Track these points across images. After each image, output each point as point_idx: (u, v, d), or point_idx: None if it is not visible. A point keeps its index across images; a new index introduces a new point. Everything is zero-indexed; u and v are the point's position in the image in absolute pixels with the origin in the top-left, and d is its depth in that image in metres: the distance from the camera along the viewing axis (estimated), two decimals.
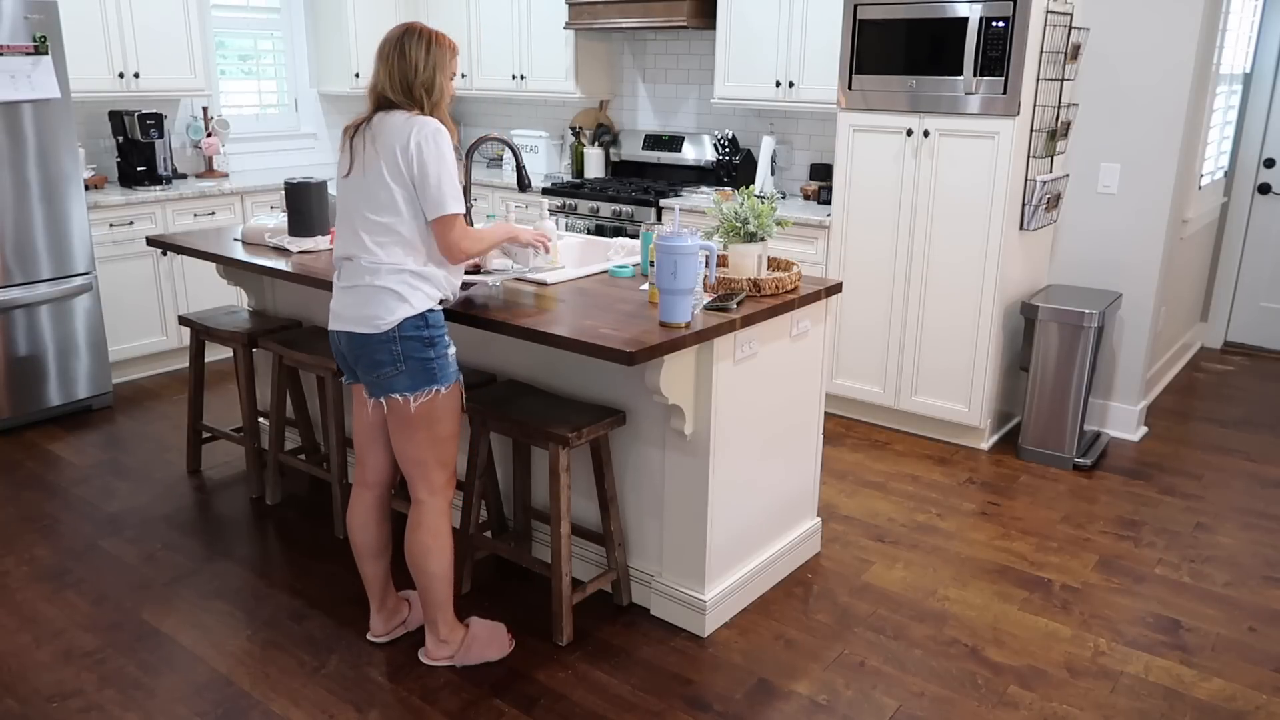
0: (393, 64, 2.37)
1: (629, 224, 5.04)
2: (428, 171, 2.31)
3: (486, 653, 2.65)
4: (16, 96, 4.03)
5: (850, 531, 3.43)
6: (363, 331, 2.37)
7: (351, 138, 2.40)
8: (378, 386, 2.41)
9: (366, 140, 2.36)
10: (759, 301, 2.72)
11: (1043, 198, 4.00)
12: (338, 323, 2.44)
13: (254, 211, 5.26)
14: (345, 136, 2.43)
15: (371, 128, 2.37)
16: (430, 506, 2.50)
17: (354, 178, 2.39)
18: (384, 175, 2.33)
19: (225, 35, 5.75)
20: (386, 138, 2.34)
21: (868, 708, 2.49)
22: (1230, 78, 4.92)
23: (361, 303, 2.37)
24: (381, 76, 2.39)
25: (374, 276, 2.35)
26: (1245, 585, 3.11)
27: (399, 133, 2.32)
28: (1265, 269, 5.60)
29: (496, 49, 5.85)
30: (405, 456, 2.47)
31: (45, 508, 3.56)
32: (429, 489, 2.49)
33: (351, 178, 2.39)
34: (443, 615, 2.60)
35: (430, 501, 2.50)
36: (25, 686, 2.55)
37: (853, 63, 4.10)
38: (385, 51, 2.39)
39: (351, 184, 2.39)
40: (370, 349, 2.37)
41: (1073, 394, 3.93)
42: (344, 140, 2.43)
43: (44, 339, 4.30)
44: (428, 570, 2.51)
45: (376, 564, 2.66)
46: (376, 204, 2.35)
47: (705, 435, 2.65)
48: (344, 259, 2.43)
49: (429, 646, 2.63)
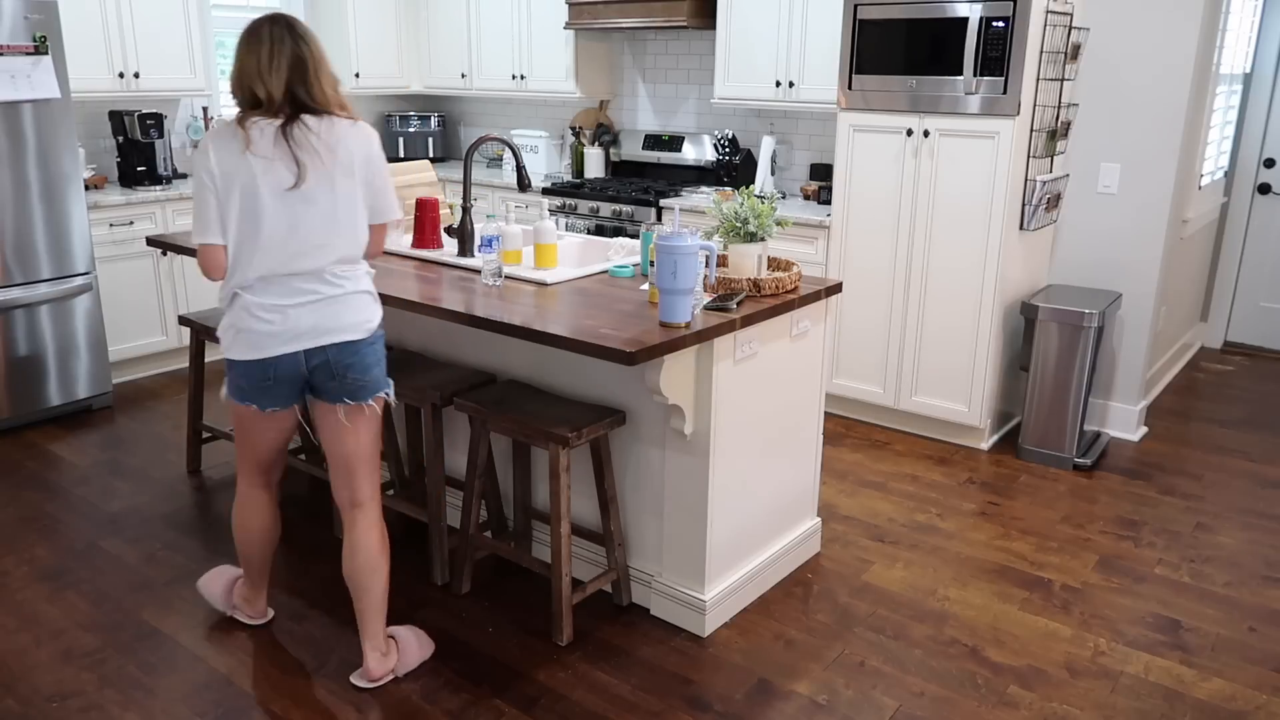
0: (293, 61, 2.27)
1: (629, 224, 5.05)
2: (386, 180, 2.40)
3: (423, 653, 2.64)
4: (16, 96, 4.03)
5: (850, 531, 3.43)
6: (355, 338, 2.37)
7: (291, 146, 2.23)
8: (365, 390, 2.40)
9: (311, 148, 2.25)
10: (759, 301, 2.72)
11: (1043, 198, 4.00)
12: (322, 336, 2.33)
13: None
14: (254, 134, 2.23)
15: (315, 134, 2.26)
16: (378, 504, 2.53)
17: (308, 189, 2.25)
18: (352, 188, 2.32)
19: (225, 35, 5.75)
20: (345, 148, 2.29)
21: (868, 708, 2.49)
22: (1230, 78, 4.92)
23: (349, 310, 2.36)
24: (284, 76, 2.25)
25: (351, 283, 2.37)
26: (1245, 585, 3.11)
27: (353, 142, 2.31)
28: (1265, 269, 5.60)
29: (496, 49, 5.85)
30: (361, 456, 2.46)
31: (45, 508, 3.56)
32: (374, 487, 2.51)
33: (304, 189, 2.25)
34: (383, 624, 2.55)
35: (376, 499, 2.53)
36: (25, 686, 2.55)
37: (853, 63, 4.10)
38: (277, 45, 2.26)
39: (305, 195, 2.25)
40: (362, 354, 2.38)
41: (1073, 394, 3.93)
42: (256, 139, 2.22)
43: (44, 339, 4.30)
44: (381, 570, 2.51)
45: (269, 552, 2.71)
46: (349, 214, 2.33)
47: (705, 435, 2.65)
48: (303, 274, 2.30)
49: (370, 665, 2.52)
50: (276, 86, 2.26)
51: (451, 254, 3.28)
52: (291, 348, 2.33)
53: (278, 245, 2.28)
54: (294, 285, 2.31)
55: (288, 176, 2.25)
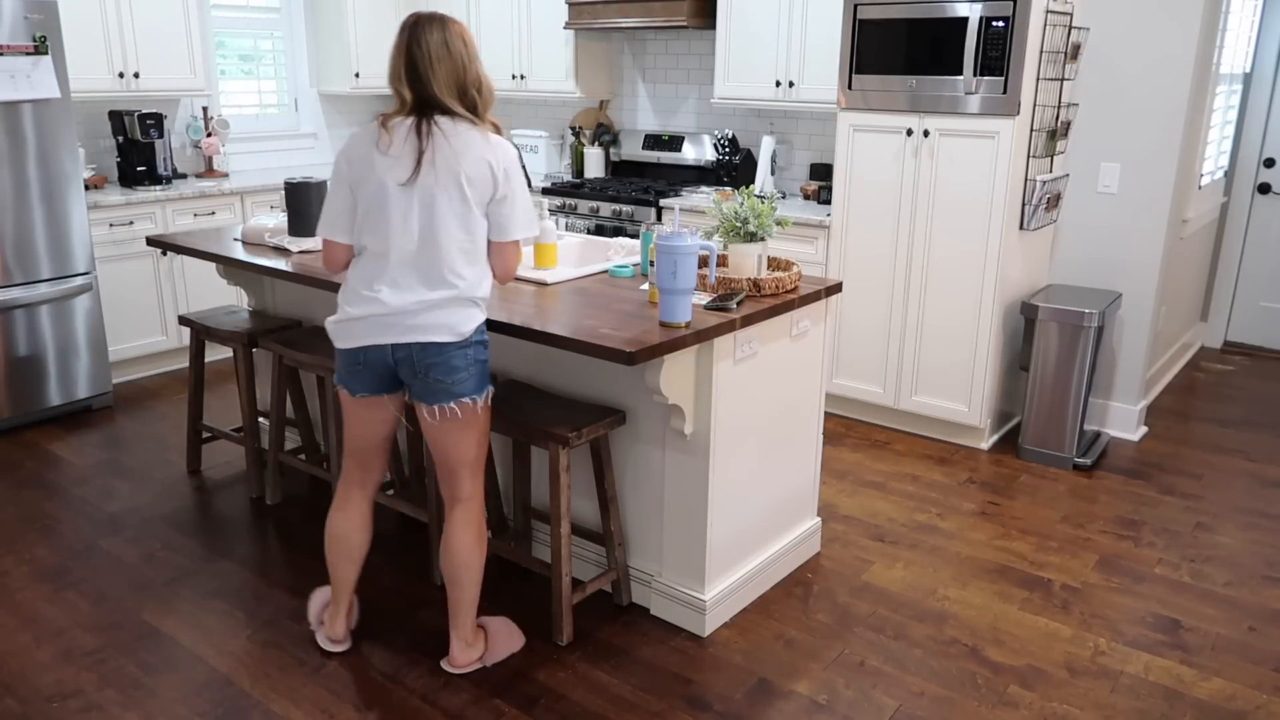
0: (436, 60, 2.29)
1: (629, 224, 5.05)
2: (516, 199, 2.37)
3: (511, 645, 2.68)
4: (16, 96, 4.03)
5: (850, 531, 3.43)
6: (441, 340, 2.35)
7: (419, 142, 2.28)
8: (446, 393, 2.39)
9: (436, 149, 2.27)
10: (759, 301, 2.72)
11: (1043, 197, 4.00)
12: (406, 334, 2.34)
13: (254, 211, 5.26)
14: (391, 133, 2.30)
15: (443, 136, 2.28)
16: (477, 503, 2.54)
17: (422, 187, 2.29)
18: (466, 194, 2.30)
19: (225, 35, 5.75)
20: (470, 157, 2.29)
21: (868, 708, 2.49)
22: (1230, 78, 4.92)
23: (445, 312, 2.34)
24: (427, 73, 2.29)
25: (461, 289, 2.34)
26: (1245, 585, 3.11)
27: (481, 154, 2.31)
28: (1265, 269, 5.60)
29: (496, 49, 5.85)
30: (457, 458, 2.48)
31: (45, 508, 3.56)
32: (475, 487, 2.53)
33: (418, 186, 2.29)
34: (472, 617, 2.60)
35: (477, 498, 2.54)
36: (25, 686, 2.55)
37: (853, 62, 4.10)
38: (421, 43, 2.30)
39: (417, 194, 2.29)
40: (448, 356, 2.36)
41: (1073, 394, 3.93)
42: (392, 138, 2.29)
43: (44, 339, 4.30)
44: (473, 567, 2.53)
45: (356, 567, 2.66)
46: (464, 221, 2.32)
47: (705, 435, 2.65)
48: (409, 266, 2.33)
49: (455, 653, 2.59)
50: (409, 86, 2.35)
51: None
52: (393, 339, 2.37)
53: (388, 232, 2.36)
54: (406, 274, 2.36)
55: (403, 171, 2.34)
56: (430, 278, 2.33)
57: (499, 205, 2.35)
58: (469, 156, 2.29)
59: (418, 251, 2.32)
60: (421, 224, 2.31)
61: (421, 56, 2.29)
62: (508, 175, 2.33)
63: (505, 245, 2.40)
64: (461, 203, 2.30)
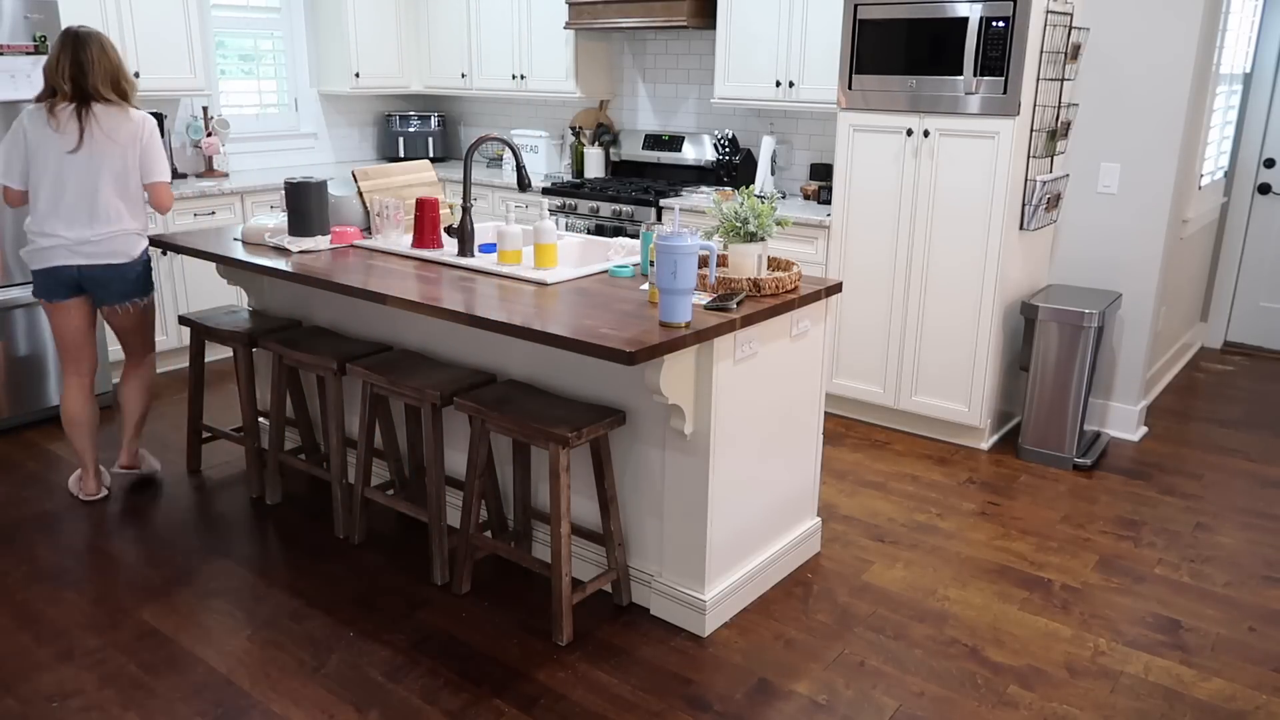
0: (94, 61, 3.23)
1: (629, 224, 5.05)
2: (154, 152, 3.38)
3: None
4: (16, 96, 4.03)
5: (850, 531, 3.43)
6: (118, 261, 3.38)
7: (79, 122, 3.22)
8: (124, 296, 3.45)
9: (95, 128, 3.23)
10: (759, 301, 2.72)
11: (1043, 198, 4.00)
12: (90, 257, 3.33)
13: (254, 211, 5.26)
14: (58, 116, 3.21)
15: (98, 120, 3.24)
16: (153, 360, 3.70)
17: (83, 156, 3.25)
18: (125, 159, 3.31)
19: (225, 35, 5.75)
20: (126, 132, 3.29)
21: (868, 708, 2.49)
22: (1230, 78, 4.93)
23: (118, 241, 3.37)
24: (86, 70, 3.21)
25: (123, 223, 3.37)
26: (1245, 585, 3.11)
27: (133, 129, 3.31)
28: (1265, 269, 5.60)
29: (496, 49, 5.86)
30: (139, 336, 3.60)
31: (45, 508, 3.56)
32: (148, 350, 3.66)
33: (81, 155, 3.24)
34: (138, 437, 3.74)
35: (151, 356, 3.69)
36: (25, 686, 2.55)
37: (853, 63, 4.10)
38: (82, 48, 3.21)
39: (81, 159, 3.25)
40: (123, 271, 3.41)
41: (1073, 394, 3.93)
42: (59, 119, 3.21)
43: (44, 339, 4.30)
44: (144, 402, 3.68)
45: (92, 436, 3.55)
46: (121, 178, 3.33)
47: (705, 435, 2.66)
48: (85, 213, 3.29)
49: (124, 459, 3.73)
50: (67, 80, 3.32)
51: (451, 254, 3.28)
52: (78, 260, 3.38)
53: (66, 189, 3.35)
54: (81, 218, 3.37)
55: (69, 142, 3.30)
56: (95, 218, 3.31)
57: (144, 156, 3.35)
58: (121, 129, 3.29)
59: (83, 200, 3.28)
60: (79, 178, 3.26)
61: (86, 60, 3.22)
62: (151, 136, 3.35)
63: (155, 185, 3.41)
64: (119, 159, 3.30)
